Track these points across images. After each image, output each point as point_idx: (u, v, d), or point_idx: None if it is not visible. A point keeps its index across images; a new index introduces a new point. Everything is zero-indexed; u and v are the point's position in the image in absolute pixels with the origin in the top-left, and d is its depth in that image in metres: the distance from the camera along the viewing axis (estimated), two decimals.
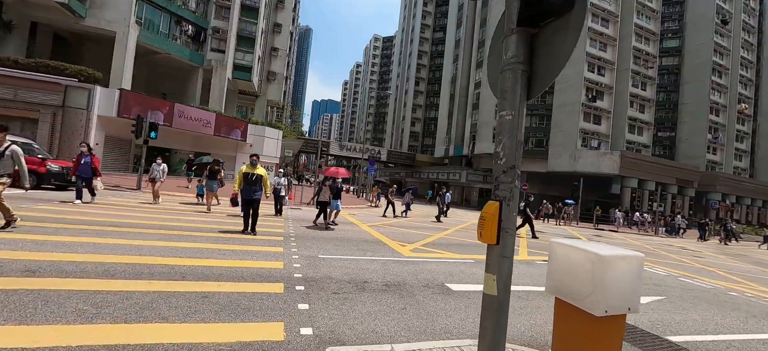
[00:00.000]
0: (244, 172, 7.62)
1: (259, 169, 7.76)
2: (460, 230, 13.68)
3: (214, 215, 10.12)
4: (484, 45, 43.48)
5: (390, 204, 16.70)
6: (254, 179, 7.64)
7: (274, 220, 10.34)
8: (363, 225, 11.78)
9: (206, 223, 8.55)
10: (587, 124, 37.20)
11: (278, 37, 38.53)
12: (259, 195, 7.72)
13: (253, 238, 7.30)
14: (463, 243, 10.15)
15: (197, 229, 7.66)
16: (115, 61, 21.37)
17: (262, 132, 28.92)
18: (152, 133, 15.54)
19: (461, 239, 10.93)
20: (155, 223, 7.69)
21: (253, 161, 7.78)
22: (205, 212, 10.48)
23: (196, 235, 6.94)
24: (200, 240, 6.47)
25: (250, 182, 7.60)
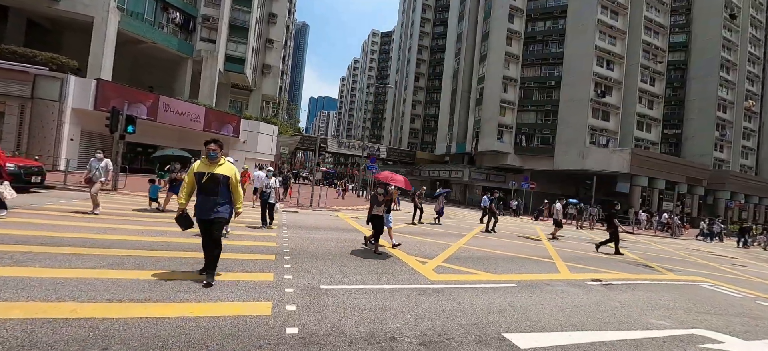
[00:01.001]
0: (195, 173, 4.27)
1: (223, 165, 4.36)
2: (477, 237, 12.13)
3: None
4: (487, 38, 41.94)
5: (418, 209, 14.49)
6: (211, 184, 4.21)
7: (262, 234, 8.05)
8: (369, 232, 10.19)
9: (160, 235, 6.86)
10: (596, 121, 35.83)
11: (273, 28, 36.70)
12: (224, 213, 4.30)
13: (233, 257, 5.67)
14: (490, 256, 8.59)
15: (145, 245, 6.02)
16: (93, 49, 19.55)
17: (256, 127, 27.19)
18: (129, 127, 13.83)
19: (484, 249, 9.39)
20: (91, 239, 6.04)
21: (212, 152, 4.27)
22: (156, 216, 8.96)
23: (142, 256, 5.31)
24: (144, 265, 4.84)
25: (206, 190, 4.23)
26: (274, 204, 8.96)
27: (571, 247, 11.85)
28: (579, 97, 35.73)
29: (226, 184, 4.32)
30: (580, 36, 36.53)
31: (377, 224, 7.34)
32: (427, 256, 7.49)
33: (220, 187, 4.26)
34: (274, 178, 9.11)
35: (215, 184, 4.23)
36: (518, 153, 39.55)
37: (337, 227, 10.57)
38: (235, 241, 6.90)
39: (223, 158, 4.38)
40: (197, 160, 4.59)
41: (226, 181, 4.33)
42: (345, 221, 12.33)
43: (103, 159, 8.67)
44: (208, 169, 4.25)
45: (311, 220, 11.77)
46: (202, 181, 4.21)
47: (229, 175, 4.35)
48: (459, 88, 48.35)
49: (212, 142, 4.33)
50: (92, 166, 8.59)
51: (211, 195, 4.24)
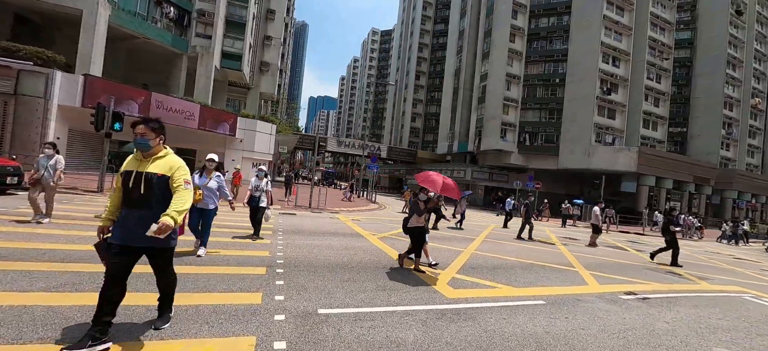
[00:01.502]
0: (122, 173, 2.74)
1: (162, 160, 2.77)
2: (489, 241, 11.33)
3: None
4: (490, 35, 41.13)
5: (435, 212, 13.73)
6: (138, 190, 2.64)
7: (253, 245, 6.92)
8: (372, 237, 9.39)
9: None
10: (601, 119, 35.04)
11: (272, 25, 35.86)
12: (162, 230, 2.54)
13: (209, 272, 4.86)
14: (507, 264, 7.80)
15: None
16: (82, 44, 18.73)
17: (253, 126, 26.36)
18: (116, 125, 13.01)
19: (498, 255, 8.58)
20: (45, 250, 5.23)
21: (141, 138, 2.70)
22: None
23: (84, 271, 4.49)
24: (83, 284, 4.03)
25: (132, 199, 2.66)
26: (264, 209, 7.49)
27: (589, 253, 11.06)
28: (584, 95, 34.94)
29: (164, 188, 2.68)
30: (584, 32, 35.73)
31: (418, 238, 6.07)
32: (441, 266, 6.68)
33: (154, 195, 2.64)
34: (266, 178, 7.68)
35: (145, 190, 2.61)
36: (522, 152, 38.76)
37: (338, 232, 9.78)
38: (222, 250, 6.09)
39: (162, 148, 2.80)
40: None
41: (164, 184, 2.68)
42: (346, 225, 11.53)
43: (54, 155, 7.06)
44: (137, 167, 2.67)
45: (310, 223, 10.97)
46: (131, 186, 2.63)
47: (168, 172, 2.69)
48: (461, 87, 47.55)
49: (141, 124, 2.67)
50: (40, 164, 6.86)
51: (138, 206, 2.62)
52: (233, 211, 7.32)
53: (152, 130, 2.72)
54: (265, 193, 7.59)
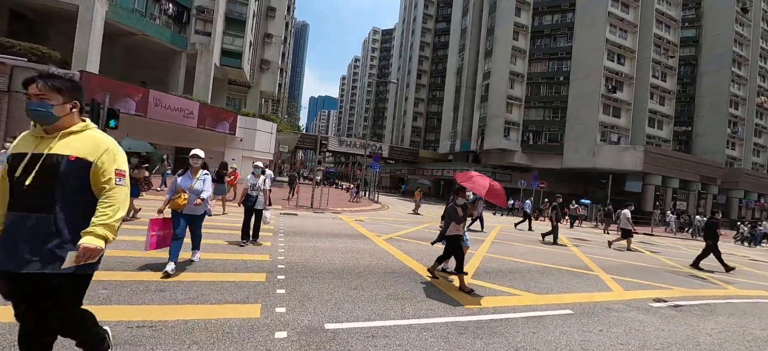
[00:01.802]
0: (10, 157, 1.69)
1: (87, 135, 1.79)
2: (499, 242, 10.86)
3: None
4: (493, 33, 40.66)
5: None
6: (37, 181, 1.62)
7: (252, 249, 6.34)
8: (378, 239, 8.93)
9: None
10: (606, 117, 34.54)
11: (272, 23, 35.41)
12: (61, 253, 1.63)
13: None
14: (522, 267, 7.33)
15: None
16: (78, 40, 18.28)
17: (253, 124, 25.93)
18: (111, 122, 12.54)
19: (511, 257, 8.12)
20: None
21: (40, 104, 1.65)
22: None
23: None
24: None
25: (22, 198, 1.65)
26: (262, 211, 6.61)
27: (602, 254, 10.58)
28: (589, 93, 34.45)
29: (80, 182, 1.72)
30: (589, 29, 35.24)
31: (454, 248, 5.14)
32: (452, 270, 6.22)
33: (60, 192, 1.67)
34: (263, 176, 6.73)
35: (43, 183, 1.64)
36: (525, 151, 38.29)
37: (342, 233, 9.32)
38: (219, 254, 5.64)
39: (77, 119, 1.82)
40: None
41: (80, 175, 1.71)
42: (350, 225, 11.08)
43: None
44: (34, 148, 1.69)
45: (312, 224, 10.52)
46: (15, 174, 1.65)
47: (91, 156, 1.72)
48: (463, 85, 47.09)
49: (37, 82, 1.68)
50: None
51: (32, 209, 1.66)
52: (224, 214, 6.81)
53: (55, 89, 1.68)
54: (262, 192, 6.67)
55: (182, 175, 4.73)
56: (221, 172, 10.84)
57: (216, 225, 8.31)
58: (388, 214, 17.43)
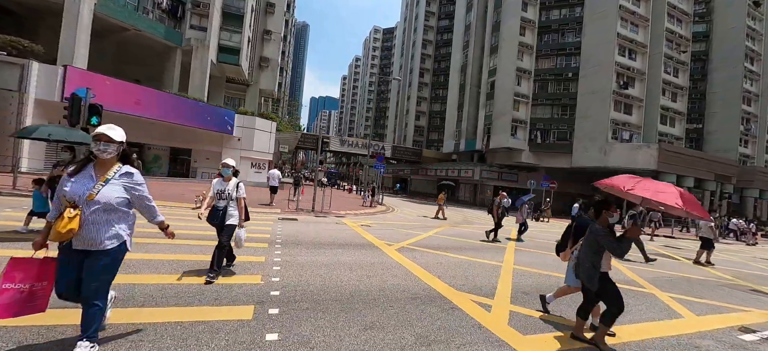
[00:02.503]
0: None
1: None
2: (524, 251, 9.71)
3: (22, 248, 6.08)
4: (498, 28, 39.48)
5: (497, 224, 10.89)
6: None
7: (243, 266, 5.50)
8: (389, 249, 7.80)
9: None
10: (618, 114, 33.32)
11: (271, 19, 34.33)
12: None
13: None
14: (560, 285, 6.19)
15: None
16: (64, 34, 17.24)
17: (252, 123, 24.86)
18: (93, 118, 11.48)
19: (545, 271, 6.97)
20: None
21: None
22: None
23: None
24: None
25: None
26: (233, 228, 4.58)
27: (640, 264, 9.42)
28: (600, 89, 33.25)
29: None
30: (599, 23, 34.03)
31: (609, 293, 3.47)
32: (485, 292, 5.09)
33: None
34: (235, 179, 4.74)
35: None
36: (532, 150, 37.08)
37: (348, 242, 8.20)
38: (194, 278, 4.52)
39: None
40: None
41: None
42: (355, 232, 9.95)
43: None
44: None
45: (313, 231, 9.41)
46: None
47: None
48: (467, 83, 45.92)
49: None
50: None
51: None
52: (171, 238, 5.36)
53: None
54: (233, 202, 4.60)
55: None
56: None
57: (201, 233, 7.20)
58: (395, 217, 16.30)
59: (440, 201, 17.54)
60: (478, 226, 15.35)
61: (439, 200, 17.62)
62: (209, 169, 24.19)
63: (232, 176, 4.72)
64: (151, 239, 5.98)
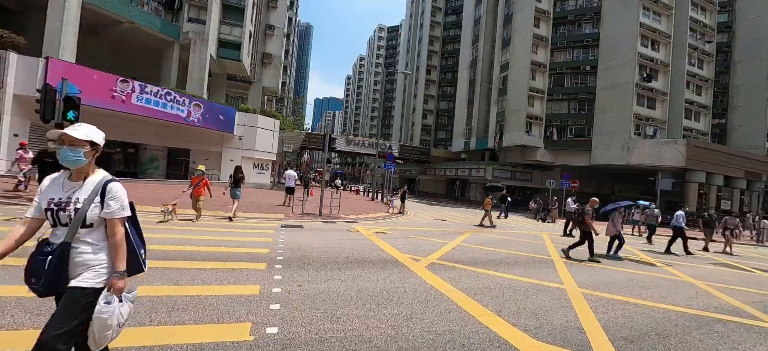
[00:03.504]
0: None
1: None
2: (590, 265, 8.08)
3: None
4: (511, 20, 37.76)
5: (584, 232, 8.55)
6: None
7: (232, 303, 4.25)
8: (416, 265, 6.22)
9: None
10: (641, 108, 31.43)
11: (274, 13, 32.98)
12: None
13: None
14: (659, 318, 4.55)
15: None
16: (49, 25, 15.95)
17: (253, 121, 23.46)
18: (70, 113, 10.05)
19: (626, 295, 5.35)
20: None
21: None
22: None
23: None
24: None
25: None
26: (89, 298, 1.76)
27: (713, 276, 7.72)
28: (621, 83, 31.38)
29: None
30: (620, 13, 32.16)
31: None
32: (573, 340, 3.48)
33: None
34: (99, 175, 1.92)
35: None
36: (548, 147, 35.29)
37: (365, 257, 6.64)
38: (173, 313, 2.98)
39: None
40: None
41: None
42: (371, 241, 8.40)
43: None
44: None
45: (322, 242, 7.87)
46: None
47: None
48: (478, 79, 44.23)
49: None
50: None
51: None
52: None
53: None
54: (96, 232, 1.86)
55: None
56: (237, 177, 10.72)
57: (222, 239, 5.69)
58: (410, 221, 14.73)
59: (487, 206, 15.14)
60: (505, 231, 13.71)
61: (486, 205, 15.19)
62: (209, 171, 22.76)
63: (97, 169, 1.97)
64: None
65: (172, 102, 18.71)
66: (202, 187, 9.30)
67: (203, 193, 9.30)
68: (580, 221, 8.72)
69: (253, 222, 10.10)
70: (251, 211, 11.87)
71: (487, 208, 15.03)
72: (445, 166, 48.47)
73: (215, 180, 22.66)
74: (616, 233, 9.12)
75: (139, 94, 17.01)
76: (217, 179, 22.76)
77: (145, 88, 17.25)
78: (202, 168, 9.52)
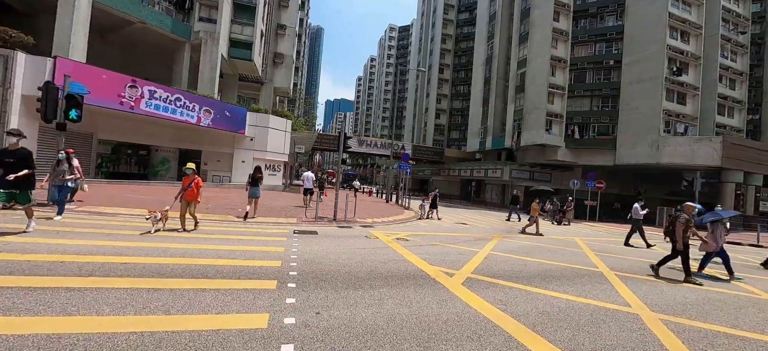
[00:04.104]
0: None
1: None
2: (650, 280, 7.01)
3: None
4: (529, 14, 36.35)
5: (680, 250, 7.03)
6: None
7: (242, 286, 3.68)
8: (450, 281, 5.30)
9: None
10: (671, 104, 29.64)
11: (285, 13, 32.52)
12: None
13: None
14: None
15: None
16: (58, 26, 15.68)
17: (265, 121, 22.91)
18: (72, 112, 9.56)
19: (713, 323, 4.32)
20: None
21: None
22: None
23: None
24: None
25: None
26: None
27: None
28: (648, 77, 29.67)
29: None
30: (646, 3, 30.46)
31: None
32: None
33: None
34: None
35: None
36: (569, 146, 33.74)
37: (390, 271, 5.76)
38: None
39: None
40: None
41: None
42: (393, 250, 7.51)
43: None
44: None
45: (339, 250, 7.03)
46: None
47: None
48: (493, 76, 42.89)
49: None
50: None
51: None
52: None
53: None
54: None
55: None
56: (256, 176, 10.72)
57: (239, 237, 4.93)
58: (430, 225, 13.79)
59: (534, 212, 13.50)
60: (531, 236, 12.62)
61: (533, 211, 13.54)
62: (220, 172, 22.36)
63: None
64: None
65: (182, 108, 18.24)
66: (195, 189, 7.73)
67: (198, 197, 7.78)
68: (671, 231, 7.40)
69: (263, 227, 9.35)
70: (262, 215, 11.16)
71: (535, 215, 13.39)
72: (459, 167, 47.22)
73: (226, 182, 22.19)
74: (717, 249, 7.51)
75: (148, 99, 16.57)
76: (228, 181, 22.29)
77: (154, 94, 16.80)
78: (191, 166, 7.91)
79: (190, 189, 7.64)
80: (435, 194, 17.08)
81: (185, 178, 7.80)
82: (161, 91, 17.16)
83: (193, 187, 7.70)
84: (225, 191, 18.79)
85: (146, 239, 6.38)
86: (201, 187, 7.95)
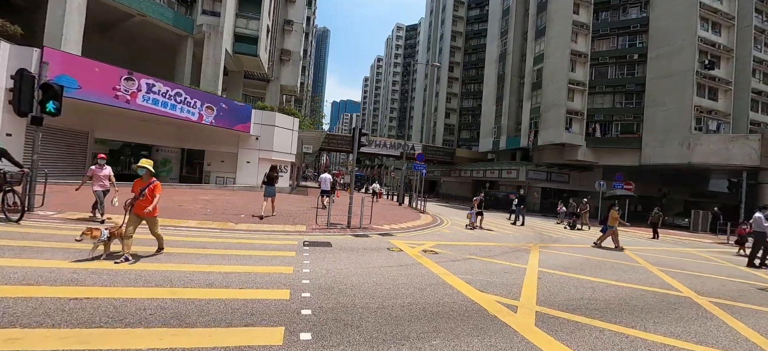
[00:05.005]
0: None
1: None
2: (741, 306, 5.51)
3: None
4: (546, 7, 34.66)
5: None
6: None
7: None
8: (527, 323, 3.86)
9: None
10: (702, 100, 27.73)
11: (292, 8, 31.35)
12: None
13: None
14: None
15: None
16: (50, 14, 14.61)
17: (271, 119, 21.69)
18: (49, 104, 8.33)
19: None
20: None
21: None
22: None
23: None
24: None
25: None
26: None
27: None
28: (678, 71, 27.80)
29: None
30: None
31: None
32: None
33: None
34: None
35: None
36: (590, 145, 31.96)
37: (431, 302, 4.36)
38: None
39: None
40: None
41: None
42: (426, 268, 6.11)
43: None
44: None
45: (360, 269, 5.65)
46: None
47: None
48: (507, 73, 41.21)
49: None
50: None
51: None
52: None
53: None
54: None
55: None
56: (272, 175, 11.01)
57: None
58: (453, 233, 12.35)
59: (613, 222, 11.24)
60: (568, 246, 11.11)
61: (612, 221, 11.25)
62: (224, 174, 21.19)
63: None
64: None
65: (182, 104, 17.05)
66: (150, 197, 5.06)
67: (155, 211, 5.12)
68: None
69: (269, 237, 8.02)
70: (268, 222, 9.84)
71: (614, 225, 11.17)
72: (470, 168, 45.61)
73: (230, 183, 21.02)
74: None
75: (145, 93, 15.41)
76: (232, 183, 21.12)
77: (152, 88, 15.65)
78: (147, 164, 5.14)
79: (143, 198, 5.00)
80: (480, 199, 14.29)
81: (137, 180, 5.15)
82: (160, 85, 15.98)
83: (147, 195, 5.02)
84: (228, 194, 17.58)
85: (114, 256, 5.03)
86: (157, 196, 5.13)
